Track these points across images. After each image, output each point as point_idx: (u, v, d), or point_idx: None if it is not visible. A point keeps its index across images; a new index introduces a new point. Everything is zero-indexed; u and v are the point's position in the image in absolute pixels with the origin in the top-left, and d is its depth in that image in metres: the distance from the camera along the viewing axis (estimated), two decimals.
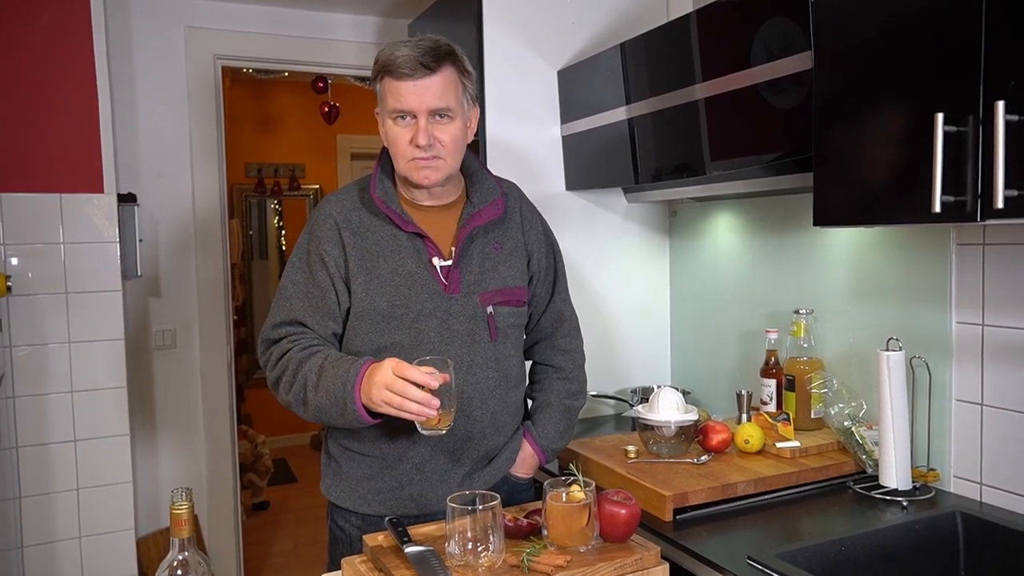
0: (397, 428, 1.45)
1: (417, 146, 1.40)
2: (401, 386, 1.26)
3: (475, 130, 1.53)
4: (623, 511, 1.25)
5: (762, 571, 1.27)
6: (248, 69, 4.40)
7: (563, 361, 1.66)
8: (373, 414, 1.34)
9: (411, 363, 1.29)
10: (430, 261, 1.47)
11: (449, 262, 1.48)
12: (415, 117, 1.40)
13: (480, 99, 2.26)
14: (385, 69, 1.40)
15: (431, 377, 1.26)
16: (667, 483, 1.57)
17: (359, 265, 1.45)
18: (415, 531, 1.32)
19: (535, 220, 1.63)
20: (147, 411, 2.88)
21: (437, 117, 1.41)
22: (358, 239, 1.47)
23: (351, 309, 1.47)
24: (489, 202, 1.53)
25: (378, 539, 1.31)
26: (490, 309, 1.49)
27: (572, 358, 1.68)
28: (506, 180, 1.64)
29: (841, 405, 1.76)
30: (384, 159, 1.53)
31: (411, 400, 1.26)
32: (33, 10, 2.31)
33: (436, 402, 1.26)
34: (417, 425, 1.32)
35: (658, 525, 1.50)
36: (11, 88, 2.30)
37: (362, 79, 3.85)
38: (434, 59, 1.39)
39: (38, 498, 2.35)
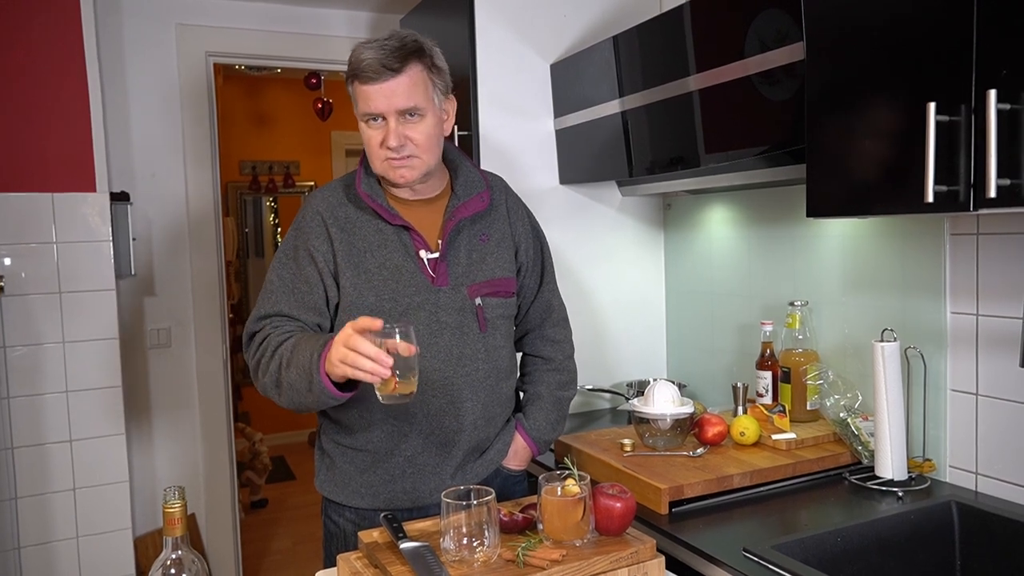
0: (386, 421, 1.46)
1: (388, 147, 1.40)
2: (355, 340, 1.21)
3: (453, 121, 1.52)
4: (618, 504, 1.24)
5: (758, 563, 1.27)
6: (240, 66, 4.39)
7: (553, 352, 1.67)
8: (342, 389, 1.31)
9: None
10: (417, 254, 1.47)
11: (436, 254, 1.48)
12: (384, 119, 1.41)
13: (473, 94, 2.26)
14: (353, 73, 1.41)
15: (380, 321, 1.21)
16: (663, 476, 1.57)
17: (347, 260, 1.45)
18: (410, 527, 1.32)
19: (521, 212, 1.63)
20: (143, 410, 2.88)
21: (407, 116, 1.41)
22: (345, 234, 1.47)
23: (340, 304, 1.47)
24: (474, 194, 1.53)
25: (373, 535, 1.31)
26: (478, 300, 1.49)
27: (561, 348, 1.68)
28: (491, 173, 1.64)
29: (837, 396, 1.76)
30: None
31: (363, 355, 1.21)
32: (24, 10, 2.30)
33: (389, 360, 1.21)
34: (376, 392, 1.27)
35: (654, 518, 1.50)
36: (2, 88, 2.29)
37: None
38: (398, 59, 1.38)
39: (35, 499, 2.35)
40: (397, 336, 1.23)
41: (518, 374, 1.67)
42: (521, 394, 1.67)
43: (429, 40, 1.45)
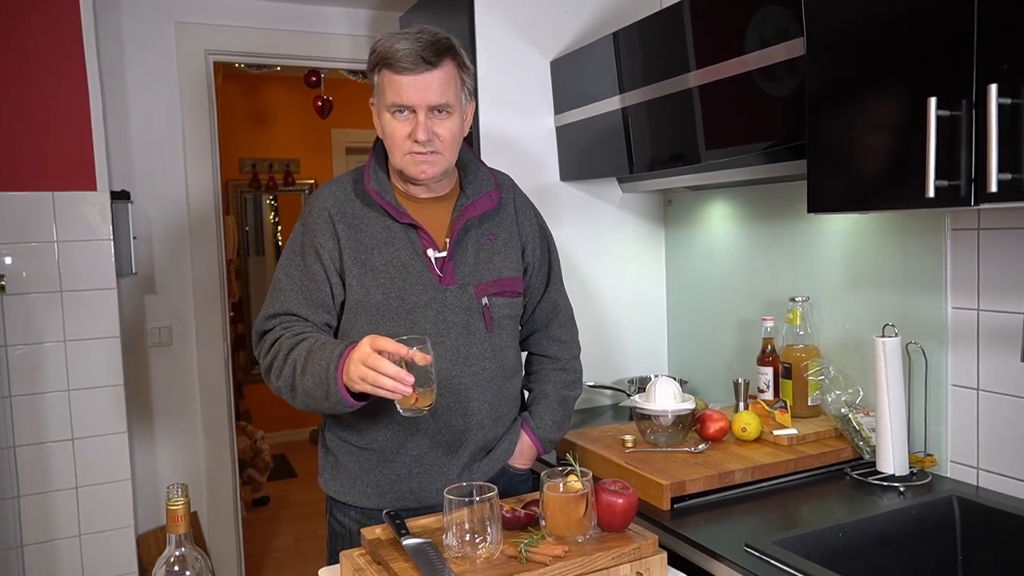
0: (392, 420, 1.46)
1: (416, 141, 1.39)
2: (375, 360, 1.24)
3: (471, 124, 1.52)
4: (620, 500, 1.25)
5: (760, 558, 1.27)
6: (240, 64, 4.38)
7: (559, 351, 1.66)
8: (358, 397, 1.32)
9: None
10: (424, 252, 1.46)
11: (444, 253, 1.47)
12: (414, 112, 1.39)
13: (474, 91, 2.25)
14: (384, 61, 1.39)
15: (404, 347, 1.24)
16: (665, 472, 1.57)
17: (353, 257, 1.45)
18: (413, 524, 1.32)
19: (529, 211, 1.62)
20: (144, 408, 2.88)
21: (436, 112, 1.40)
22: (352, 231, 1.46)
23: (346, 302, 1.47)
24: (483, 193, 1.52)
25: (376, 532, 1.31)
26: (485, 300, 1.49)
27: (568, 348, 1.68)
28: (500, 171, 1.64)
29: (838, 392, 1.77)
30: (378, 150, 1.52)
31: (384, 375, 1.23)
32: (24, 9, 2.29)
33: (410, 378, 1.23)
34: (396, 405, 1.30)
35: (656, 514, 1.50)
36: (2, 87, 2.29)
37: (355, 72, 3.84)
38: (435, 53, 1.37)
39: (37, 497, 2.35)
40: (414, 347, 1.25)
41: (523, 373, 1.67)
42: (527, 393, 1.67)
43: (457, 40, 1.44)
